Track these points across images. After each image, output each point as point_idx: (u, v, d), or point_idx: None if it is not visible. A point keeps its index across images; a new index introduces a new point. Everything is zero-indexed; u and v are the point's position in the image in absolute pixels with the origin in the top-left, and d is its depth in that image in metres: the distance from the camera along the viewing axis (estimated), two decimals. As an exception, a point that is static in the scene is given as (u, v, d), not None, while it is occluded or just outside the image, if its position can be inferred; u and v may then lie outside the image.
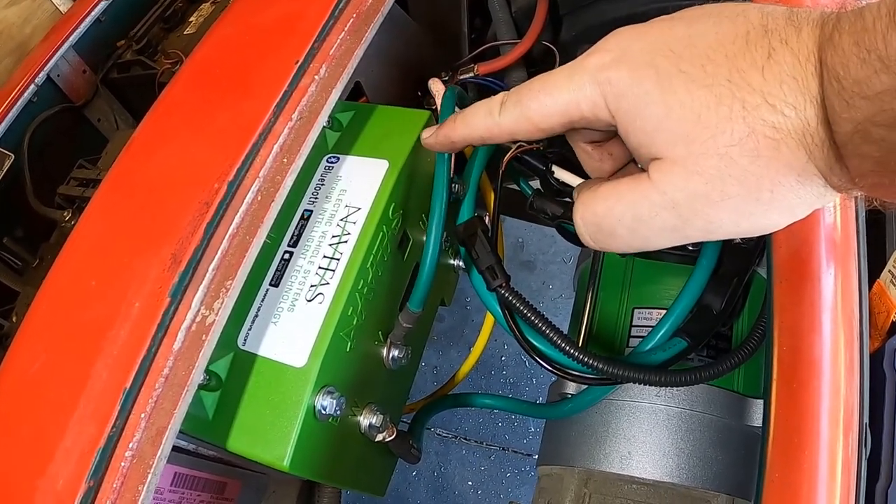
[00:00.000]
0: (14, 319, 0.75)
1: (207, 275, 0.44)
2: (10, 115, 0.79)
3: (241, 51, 0.54)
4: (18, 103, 0.79)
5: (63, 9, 0.93)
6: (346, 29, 0.53)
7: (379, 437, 0.52)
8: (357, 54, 0.52)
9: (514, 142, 0.55)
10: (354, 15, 0.53)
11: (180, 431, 0.46)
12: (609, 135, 0.46)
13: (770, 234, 0.50)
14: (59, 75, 0.83)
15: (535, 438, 1.75)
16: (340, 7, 0.53)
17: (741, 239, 0.61)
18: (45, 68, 0.81)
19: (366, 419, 0.51)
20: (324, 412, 0.45)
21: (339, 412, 0.46)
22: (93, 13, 0.84)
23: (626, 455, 0.61)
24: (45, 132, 0.81)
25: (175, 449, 0.49)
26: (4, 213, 0.79)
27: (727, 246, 0.60)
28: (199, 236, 0.44)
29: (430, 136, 0.50)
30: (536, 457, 0.70)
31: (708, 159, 0.35)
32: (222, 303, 0.43)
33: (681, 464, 0.60)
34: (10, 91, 0.80)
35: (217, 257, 0.44)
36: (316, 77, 0.50)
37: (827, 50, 0.32)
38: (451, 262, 0.62)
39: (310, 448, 0.45)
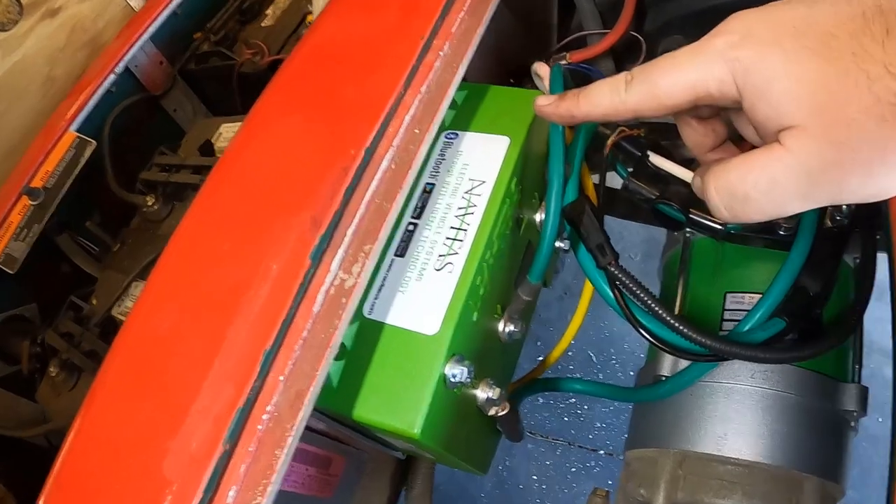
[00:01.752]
0: (94, 303, 0.76)
1: (346, 238, 0.44)
2: (90, 103, 0.80)
3: (364, 28, 0.54)
4: (98, 93, 0.80)
5: (134, 4, 0.94)
6: (465, 8, 0.53)
7: (492, 412, 0.52)
8: (478, 32, 0.53)
9: (635, 120, 0.56)
10: (471, -3, 0.54)
11: None
12: (716, 111, 0.48)
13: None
14: (136, 66, 0.84)
15: (601, 434, 1.75)
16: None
17: (832, 223, 0.62)
18: (124, 59, 0.82)
19: (483, 392, 0.51)
20: (454, 380, 0.45)
21: (468, 380, 0.46)
22: (169, 6, 0.86)
23: (722, 436, 0.61)
24: (124, 121, 0.82)
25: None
26: (86, 199, 0.79)
27: (820, 229, 0.60)
28: (338, 200, 0.45)
29: (548, 104, 0.50)
30: (602, 452, 0.70)
31: (838, 127, 0.36)
32: (361, 267, 0.44)
33: (774, 445, 0.60)
34: (90, 81, 0.81)
35: (355, 222, 0.44)
36: (440, 53, 0.51)
37: None
38: (558, 244, 0.62)
39: (438, 417, 0.46)
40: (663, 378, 0.65)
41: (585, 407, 1.77)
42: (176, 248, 0.50)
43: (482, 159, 0.53)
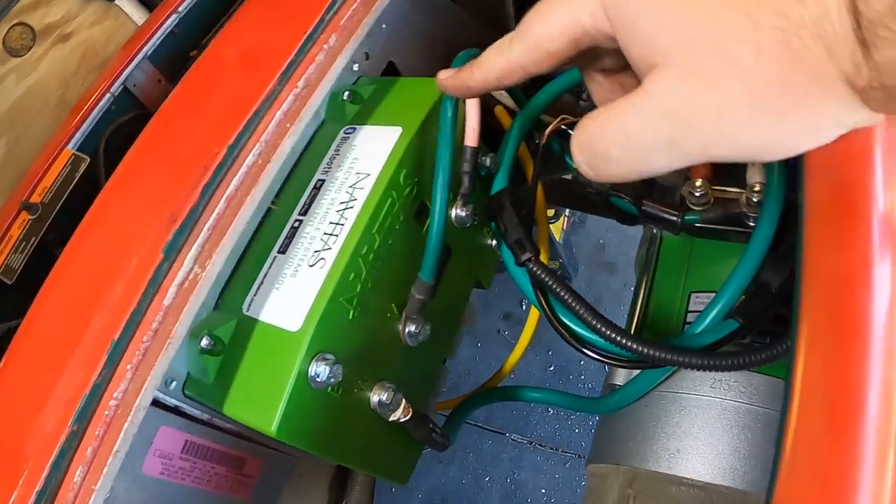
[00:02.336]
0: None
1: (202, 234, 0.45)
2: (88, 121, 0.86)
3: (254, 28, 0.56)
4: (95, 111, 0.86)
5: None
6: (358, 1, 0.54)
7: (392, 417, 0.51)
8: (367, 22, 0.53)
9: (527, 78, 0.53)
10: (367, -13, 0.54)
11: (191, 399, 0.48)
12: (621, 63, 0.43)
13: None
14: (134, 85, 0.90)
15: None
16: (354, -20, 0.55)
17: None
18: (121, 78, 0.88)
19: (376, 395, 0.50)
20: (318, 379, 0.45)
21: (334, 381, 0.45)
22: (166, 25, 0.91)
23: (675, 453, 0.57)
24: (120, 138, 0.87)
25: (188, 417, 0.50)
26: (81, 215, 0.85)
27: (789, 216, 0.56)
28: (195, 197, 0.46)
29: (446, 77, 0.49)
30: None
31: (707, 58, 0.31)
32: (214, 261, 0.45)
33: (736, 464, 0.55)
34: (88, 99, 0.87)
35: (213, 217, 0.46)
36: (325, 46, 0.52)
37: None
38: (486, 241, 0.61)
39: (303, 416, 0.45)
40: (616, 387, 0.62)
41: (596, 418, 1.70)
42: (70, 247, 0.53)
43: (371, 152, 0.53)
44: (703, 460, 0.56)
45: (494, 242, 0.61)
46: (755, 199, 0.57)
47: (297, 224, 0.52)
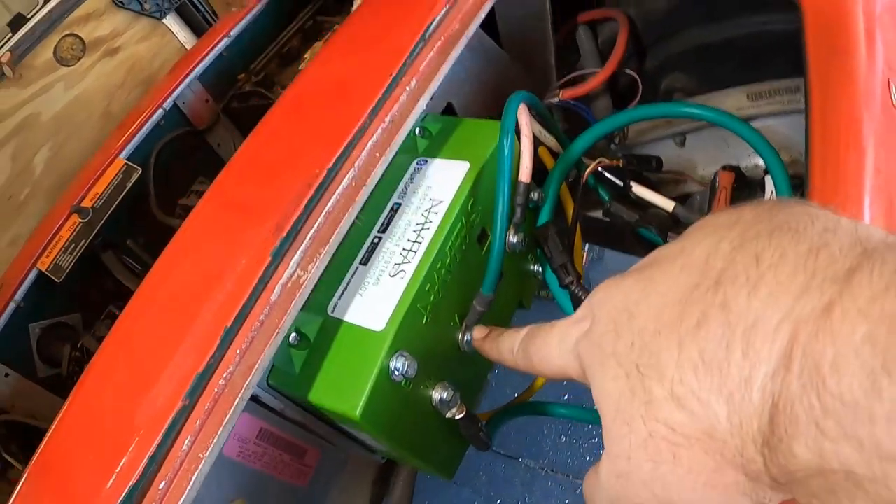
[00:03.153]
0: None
1: (304, 242, 0.54)
2: (139, 135, 0.94)
3: (344, 66, 0.66)
4: (147, 125, 0.95)
5: (188, 45, 1.09)
6: (434, 49, 0.64)
7: (449, 414, 0.60)
8: (443, 70, 0.63)
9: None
10: (441, 39, 0.64)
11: (273, 388, 0.57)
12: None
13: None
14: (184, 103, 0.99)
15: None
16: (430, 32, 0.65)
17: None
18: (172, 96, 0.97)
19: (437, 393, 0.59)
20: (396, 373, 0.54)
21: (410, 374, 0.54)
22: (216, 49, 1.00)
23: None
24: (170, 152, 0.96)
25: (264, 406, 0.59)
26: (130, 220, 0.93)
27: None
28: (299, 210, 0.55)
29: (479, 337, 0.59)
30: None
31: (620, 461, 0.34)
32: (315, 266, 0.54)
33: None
34: (140, 114, 0.96)
35: (314, 229, 0.55)
36: (407, 88, 0.61)
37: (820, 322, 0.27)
38: (531, 267, 0.70)
39: (381, 405, 0.54)
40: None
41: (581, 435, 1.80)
42: (172, 248, 0.62)
43: (443, 182, 0.62)
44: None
45: (538, 268, 0.70)
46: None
47: (377, 240, 0.61)
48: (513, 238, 0.65)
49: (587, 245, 1.64)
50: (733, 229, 0.32)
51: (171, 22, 1.08)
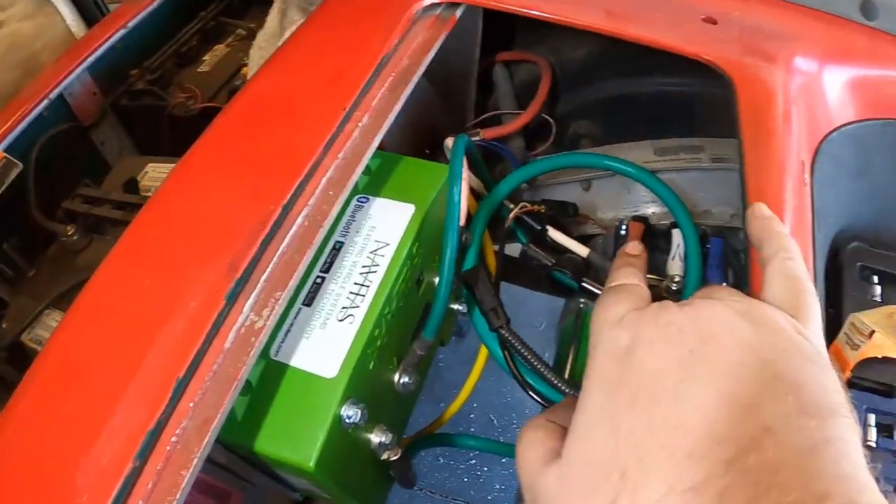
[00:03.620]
0: (4, 327, 0.81)
1: (259, 284, 0.52)
2: (21, 126, 0.86)
3: (296, 92, 0.64)
4: (30, 116, 0.87)
5: (74, 29, 1.01)
6: (385, 85, 0.63)
7: (385, 456, 0.60)
8: (394, 109, 0.63)
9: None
10: (393, 75, 0.64)
11: None
12: None
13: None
14: (71, 94, 0.91)
15: (500, 495, 1.86)
16: (382, 67, 0.64)
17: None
18: (59, 86, 0.89)
19: (377, 437, 0.59)
20: (348, 421, 0.54)
21: (362, 422, 0.54)
22: (110, 40, 0.93)
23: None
24: (52, 148, 0.89)
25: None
26: (5, 222, 0.85)
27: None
28: (254, 249, 0.53)
29: None
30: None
31: None
32: (271, 311, 0.52)
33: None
34: (23, 104, 0.88)
35: (268, 270, 0.53)
36: (359, 124, 0.61)
37: None
38: (454, 306, 0.72)
39: (332, 454, 0.53)
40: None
41: (485, 468, 1.87)
42: (101, 278, 0.57)
43: (388, 223, 0.62)
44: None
45: (461, 307, 0.72)
46: (674, 288, 0.73)
47: (319, 280, 0.60)
48: (451, 281, 0.66)
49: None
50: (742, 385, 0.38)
51: (61, 3, 1.00)
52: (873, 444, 0.62)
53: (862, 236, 0.74)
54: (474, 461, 1.88)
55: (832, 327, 0.65)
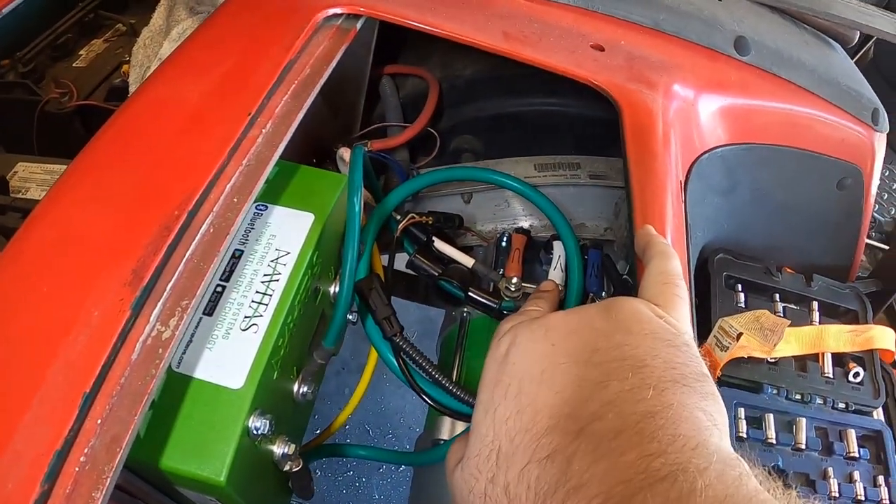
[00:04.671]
0: None
1: (165, 293, 0.51)
2: None
3: (199, 95, 0.62)
4: None
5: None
6: (289, 92, 0.63)
7: (287, 467, 0.60)
8: (297, 116, 0.63)
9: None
10: (296, 82, 0.64)
11: None
12: None
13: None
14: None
15: None
16: (285, 73, 0.64)
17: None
18: None
19: (279, 448, 0.59)
20: (256, 432, 0.53)
21: (269, 433, 0.54)
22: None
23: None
24: None
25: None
26: None
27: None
28: (160, 256, 0.52)
29: None
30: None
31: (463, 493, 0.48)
32: (178, 320, 0.51)
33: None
34: None
35: (174, 278, 0.51)
36: (263, 130, 0.60)
37: None
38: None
39: (241, 467, 0.52)
40: (441, 442, 0.77)
41: (363, 479, 1.87)
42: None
43: (288, 232, 0.62)
44: None
45: (353, 317, 0.73)
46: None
47: (220, 289, 0.59)
48: (337, 288, 0.68)
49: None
50: (632, 374, 0.44)
51: None
52: (744, 435, 0.69)
53: (727, 248, 0.81)
54: (352, 472, 1.88)
55: (702, 331, 0.72)
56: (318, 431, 0.79)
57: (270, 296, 0.58)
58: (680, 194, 0.70)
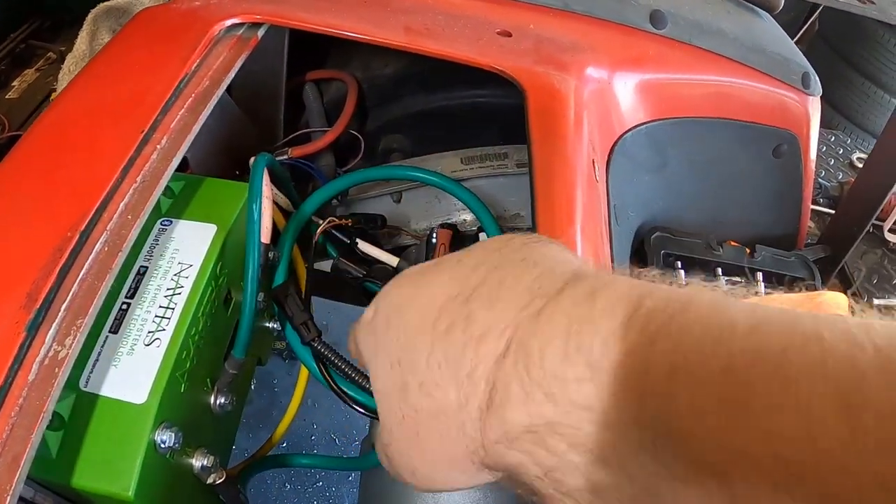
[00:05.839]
0: None
1: (60, 313, 0.54)
2: None
3: (93, 115, 0.65)
4: None
5: None
6: (185, 106, 0.66)
7: (210, 479, 0.62)
8: (194, 130, 0.66)
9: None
10: (192, 95, 0.67)
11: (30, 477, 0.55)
12: None
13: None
14: None
15: None
16: (181, 88, 0.67)
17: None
18: None
19: (198, 461, 0.62)
20: (164, 445, 0.56)
21: (177, 445, 0.57)
22: None
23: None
24: None
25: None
26: None
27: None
28: (53, 278, 0.55)
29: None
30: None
31: (385, 434, 0.47)
32: (73, 339, 0.54)
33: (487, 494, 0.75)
34: None
35: (69, 298, 0.55)
36: (158, 146, 0.63)
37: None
38: (268, 324, 0.75)
39: (151, 481, 0.55)
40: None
41: (333, 489, 1.90)
42: None
43: (191, 245, 0.65)
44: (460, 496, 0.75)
45: (275, 325, 0.75)
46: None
47: (125, 306, 0.62)
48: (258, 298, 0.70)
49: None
50: (494, 255, 0.44)
51: None
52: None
53: (664, 226, 0.84)
54: (321, 483, 1.91)
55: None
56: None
57: (173, 309, 0.61)
58: (594, 176, 0.73)
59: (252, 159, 0.79)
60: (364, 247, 0.81)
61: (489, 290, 0.41)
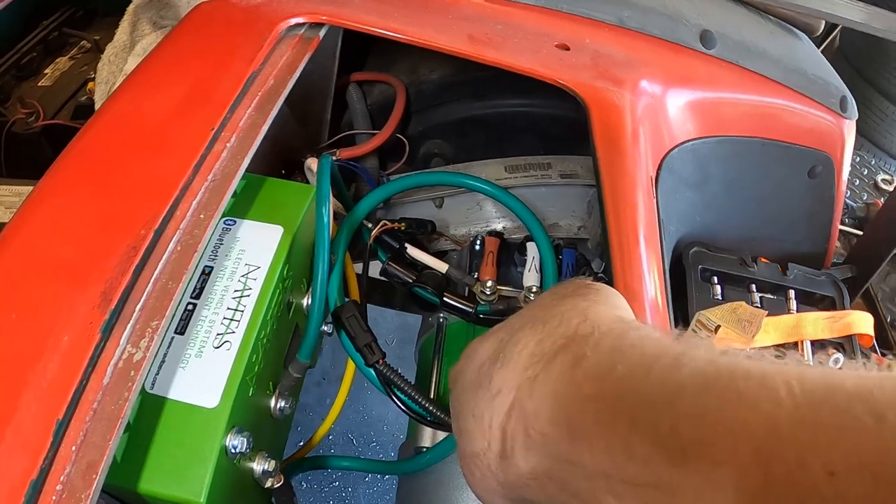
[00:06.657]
0: None
1: (135, 314, 0.51)
2: None
3: (161, 111, 0.62)
4: None
5: None
6: (252, 105, 0.64)
7: (268, 484, 0.60)
8: (262, 129, 0.63)
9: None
10: (259, 94, 0.65)
11: None
12: None
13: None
14: None
15: None
16: (248, 86, 0.65)
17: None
18: None
19: (259, 465, 0.59)
20: (234, 451, 0.53)
21: (247, 451, 0.54)
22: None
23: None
24: None
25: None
26: None
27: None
28: (127, 277, 0.52)
29: None
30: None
31: (462, 467, 0.51)
32: (149, 342, 0.51)
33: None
34: None
35: (143, 298, 0.52)
36: (227, 144, 0.61)
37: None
38: (322, 326, 0.73)
39: (221, 487, 0.53)
40: (424, 449, 0.77)
41: (349, 489, 1.88)
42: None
43: (258, 246, 0.62)
44: None
45: (329, 329, 0.73)
46: (531, 298, 0.78)
47: (191, 307, 0.59)
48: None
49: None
50: (536, 310, 0.50)
51: None
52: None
53: (701, 241, 0.83)
54: (338, 483, 1.89)
55: (680, 325, 0.73)
56: (301, 444, 0.79)
57: (242, 311, 0.59)
58: (651, 190, 0.72)
59: (311, 160, 0.77)
60: (413, 252, 0.79)
61: (507, 353, 0.48)
